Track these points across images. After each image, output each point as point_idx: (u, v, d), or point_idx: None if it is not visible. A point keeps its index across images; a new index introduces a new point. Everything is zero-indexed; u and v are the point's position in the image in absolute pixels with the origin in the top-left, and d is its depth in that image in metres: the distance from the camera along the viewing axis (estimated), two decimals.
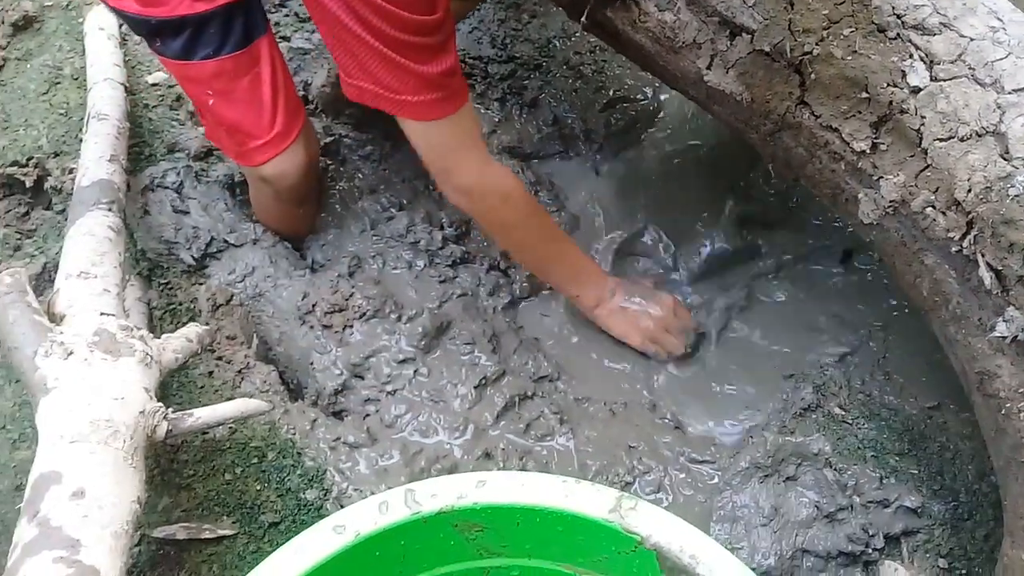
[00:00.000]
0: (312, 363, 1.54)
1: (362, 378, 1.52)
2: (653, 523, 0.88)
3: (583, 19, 1.46)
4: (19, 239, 1.69)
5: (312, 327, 1.57)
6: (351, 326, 1.56)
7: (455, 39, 1.33)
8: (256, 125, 1.46)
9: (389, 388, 1.51)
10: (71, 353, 1.09)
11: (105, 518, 0.96)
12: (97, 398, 1.05)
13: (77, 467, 0.99)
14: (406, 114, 1.33)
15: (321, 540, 0.88)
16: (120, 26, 1.92)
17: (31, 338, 1.10)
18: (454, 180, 1.43)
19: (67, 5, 2.09)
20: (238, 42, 1.39)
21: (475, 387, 1.50)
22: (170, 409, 1.16)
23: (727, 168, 1.86)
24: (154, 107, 1.86)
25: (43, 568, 0.89)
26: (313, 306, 1.58)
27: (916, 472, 1.38)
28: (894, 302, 1.62)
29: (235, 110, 1.45)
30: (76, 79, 1.93)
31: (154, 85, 1.90)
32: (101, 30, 1.87)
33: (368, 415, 1.49)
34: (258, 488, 1.35)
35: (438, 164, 1.43)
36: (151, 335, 1.21)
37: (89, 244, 1.30)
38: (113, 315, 1.19)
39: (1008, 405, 1.06)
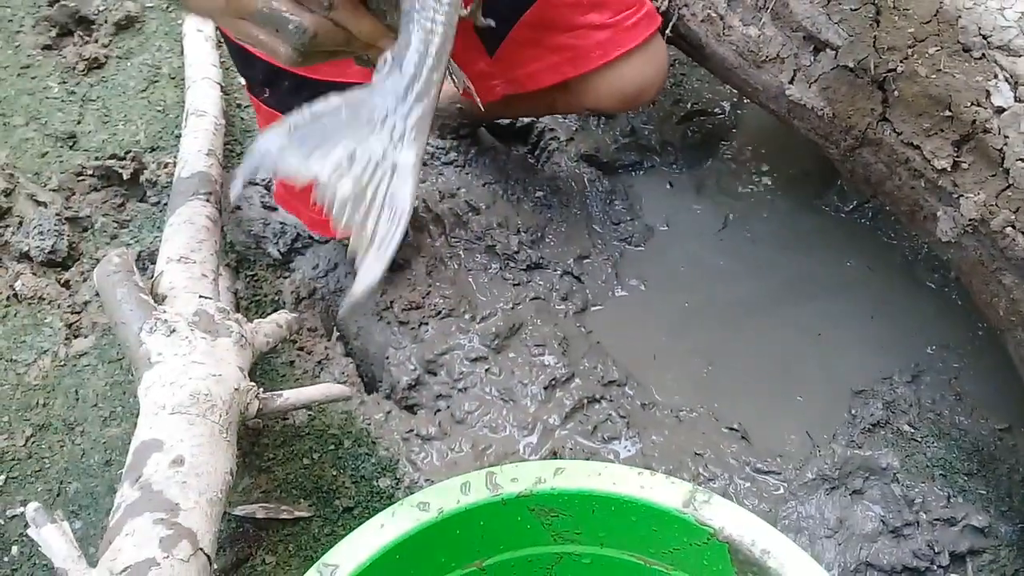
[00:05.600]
0: (387, 357, 1.59)
1: (435, 374, 1.57)
2: (726, 516, 0.90)
3: (667, 32, 1.49)
4: (116, 228, 1.77)
5: (389, 323, 1.62)
6: (426, 323, 1.61)
7: None
8: None
9: (461, 385, 1.55)
10: (173, 331, 1.15)
11: (202, 485, 1.01)
12: (197, 373, 1.11)
13: (177, 436, 1.04)
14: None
15: (405, 516, 0.91)
16: (216, 28, 2.00)
17: (137, 315, 1.16)
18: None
19: (168, 7, 2.19)
20: None
21: (544, 388, 1.53)
22: (260, 388, 1.21)
23: (804, 183, 1.87)
24: (246, 107, 1.94)
25: (144, 527, 0.95)
26: (391, 303, 1.63)
27: (984, 492, 1.38)
28: (968, 321, 1.62)
29: None
30: (173, 78, 2.02)
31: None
32: (199, 32, 1.96)
33: (439, 410, 1.53)
34: (334, 474, 1.40)
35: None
36: (244, 319, 1.27)
37: (188, 231, 1.37)
38: (211, 298, 1.25)
39: None
